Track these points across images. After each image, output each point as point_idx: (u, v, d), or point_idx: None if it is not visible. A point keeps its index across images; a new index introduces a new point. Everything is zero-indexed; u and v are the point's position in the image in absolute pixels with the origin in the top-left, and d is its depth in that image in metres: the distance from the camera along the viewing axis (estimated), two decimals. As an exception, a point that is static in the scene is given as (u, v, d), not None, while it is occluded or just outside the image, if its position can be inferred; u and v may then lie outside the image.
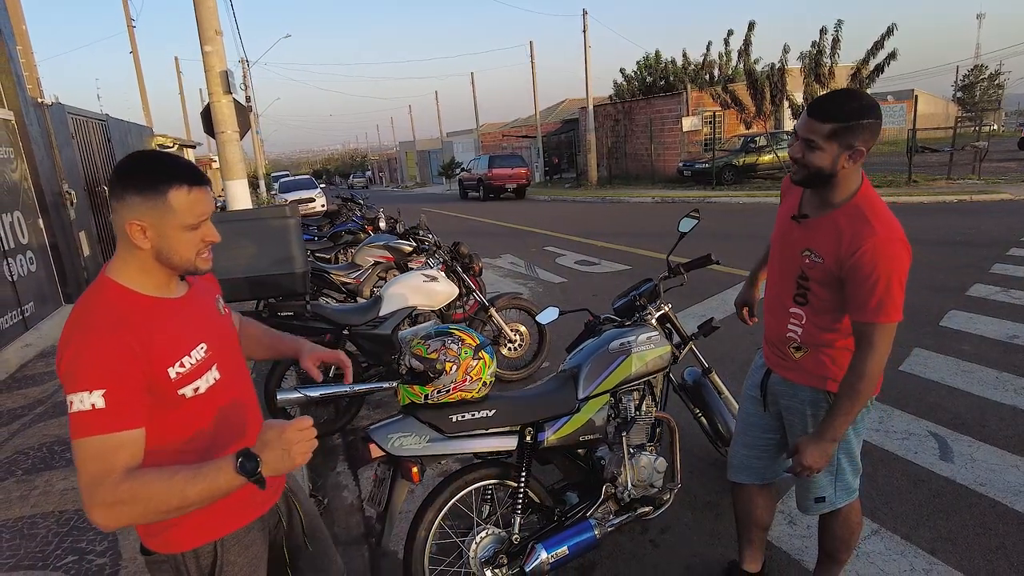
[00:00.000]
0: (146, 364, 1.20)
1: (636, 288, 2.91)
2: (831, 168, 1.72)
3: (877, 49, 15.78)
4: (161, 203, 1.22)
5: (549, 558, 2.19)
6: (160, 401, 1.24)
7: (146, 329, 1.22)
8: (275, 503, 1.54)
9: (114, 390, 1.14)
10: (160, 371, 1.23)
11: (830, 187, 1.78)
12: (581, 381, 2.44)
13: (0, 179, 6.48)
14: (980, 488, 2.90)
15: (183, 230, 1.25)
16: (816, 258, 1.80)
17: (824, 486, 2.00)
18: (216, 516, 1.37)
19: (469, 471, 2.23)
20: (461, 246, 4.78)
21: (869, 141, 1.69)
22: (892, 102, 37.78)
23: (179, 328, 1.29)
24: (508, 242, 11.93)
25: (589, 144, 24.90)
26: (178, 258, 1.28)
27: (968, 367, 4.25)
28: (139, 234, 1.23)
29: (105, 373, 1.14)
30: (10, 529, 3.01)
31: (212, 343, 1.35)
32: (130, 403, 1.17)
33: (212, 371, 1.33)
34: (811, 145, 1.72)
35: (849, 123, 1.66)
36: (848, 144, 1.68)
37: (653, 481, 2.49)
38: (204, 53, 7.32)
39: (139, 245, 1.24)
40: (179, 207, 1.24)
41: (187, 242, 1.27)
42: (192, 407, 1.30)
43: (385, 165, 71.40)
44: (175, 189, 1.23)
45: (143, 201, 1.21)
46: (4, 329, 6.00)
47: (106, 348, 1.16)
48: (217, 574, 1.37)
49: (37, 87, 7.87)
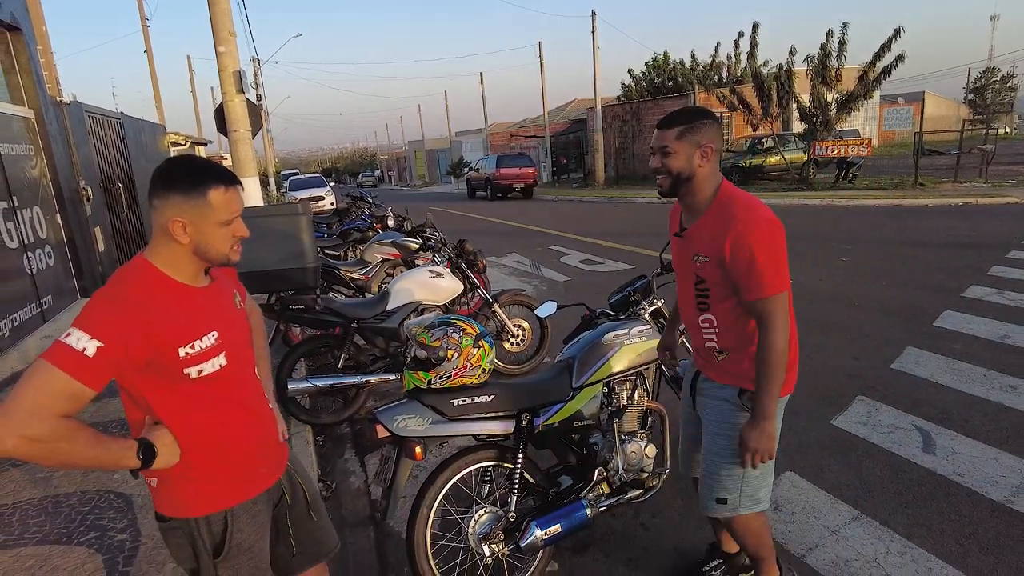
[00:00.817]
0: (156, 342, 1.33)
1: (631, 284, 3.05)
2: (688, 167, 1.88)
3: (884, 51, 15.80)
4: (202, 202, 1.39)
5: (543, 535, 2.33)
6: (165, 375, 1.39)
7: (167, 309, 1.37)
8: (278, 479, 1.68)
9: (108, 351, 1.26)
10: (171, 348, 1.36)
11: (693, 192, 1.93)
12: (576, 370, 2.59)
13: (21, 175, 6.69)
14: (958, 479, 3.02)
15: (219, 226, 1.42)
16: (703, 258, 1.92)
17: (728, 488, 2.02)
18: (225, 487, 1.52)
19: (469, 453, 2.38)
20: (466, 244, 4.94)
21: (715, 140, 1.89)
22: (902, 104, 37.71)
23: (196, 314, 1.43)
24: (514, 241, 12.08)
25: (597, 144, 25.01)
26: (214, 251, 1.44)
27: (958, 365, 4.36)
28: (180, 230, 1.39)
29: (112, 333, 1.27)
30: (36, 507, 3.18)
31: (223, 333, 1.48)
32: (110, 369, 1.28)
33: (219, 357, 1.45)
34: (666, 152, 1.89)
35: (692, 123, 1.87)
36: (696, 142, 1.86)
37: (643, 466, 2.64)
38: (218, 53, 7.51)
39: (179, 240, 1.40)
40: (217, 205, 1.40)
41: (222, 237, 1.44)
42: (196, 387, 1.43)
43: (394, 164, 71.66)
44: (214, 189, 1.40)
45: (185, 200, 1.38)
46: (24, 321, 6.20)
47: (125, 316, 1.30)
48: (228, 539, 1.51)
49: (56, 86, 8.08)
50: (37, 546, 2.86)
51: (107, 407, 4.38)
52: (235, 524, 1.53)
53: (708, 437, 2.08)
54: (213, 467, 1.50)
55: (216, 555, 1.51)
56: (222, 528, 1.51)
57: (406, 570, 2.63)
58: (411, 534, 2.26)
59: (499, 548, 2.34)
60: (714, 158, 1.90)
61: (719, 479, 2.03)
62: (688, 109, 1.93)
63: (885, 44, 15.71)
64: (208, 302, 1.49)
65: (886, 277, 7.00)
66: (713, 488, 2.06)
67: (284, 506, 1.73)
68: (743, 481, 2.00)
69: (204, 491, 1.50)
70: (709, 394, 2.08)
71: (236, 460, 1.53)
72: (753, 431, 1.88)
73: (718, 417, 2.04)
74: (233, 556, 1.53)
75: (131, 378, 1.38)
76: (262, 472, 1.61)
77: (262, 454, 1.61)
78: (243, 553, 1.54)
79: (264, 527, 1.62)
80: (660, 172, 1.93)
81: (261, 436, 1.60)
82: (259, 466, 1.60)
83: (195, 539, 1.50)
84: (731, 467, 2.00)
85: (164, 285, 1.41)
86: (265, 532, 1.63)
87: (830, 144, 16.64)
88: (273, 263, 4.03)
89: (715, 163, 1.92)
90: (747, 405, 1.95)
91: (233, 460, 1.53)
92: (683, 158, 1.88)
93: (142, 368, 1.36)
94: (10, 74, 7.11)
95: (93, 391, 1.28)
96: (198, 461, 1.47)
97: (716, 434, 2.04)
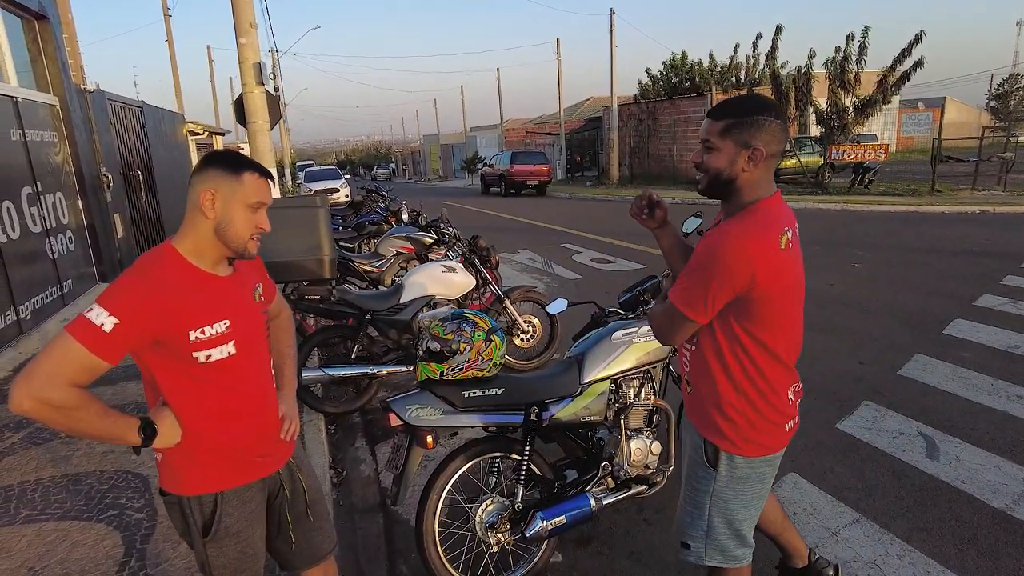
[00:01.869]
0: (170, 322, 1.42)
1: (640, 284, 3.09)
2: (729, 170, 1.58)
3: (905, 56, 15.66)
4: (235, 179, 1.50)
5: (547, 525, 2.39)
6: (174, 355, 1.47)
7: (183, 292, 1.46)
8: (277, 471, 1.73)
9: (123, 327, 1.35)
10: (182, 330, 1.44)
11: (737, 198, 1.63)
12: (585, 367, 2.65)
13: (45, 161, 6.83)
14: (961, 485, 3.05)
15: (245, 208, 1.51)
16: None
17: (691, 534, 1.85)
18: (219, 472, 1.59)
19: (478, 444, 2.45)
20: (479, 240, 5.00)
21: (771, 141, 1.56)
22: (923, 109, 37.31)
23: (211, 301, 1.50)
24: (527, 238, 12.13)
25: (612, 143, 24.99)
26: (233, 233, 1.52)
27: (966, 374, 4.37)
28: (209, 202, 1.48)
29: (129, 311, 1.37)
30: (56, 484, 3.29)
31: (235, 322, 1.54)
32: (123, 345, 1.38)
33: (228, 345, 1.52)
34: (708, 146, 1.61)
35: (744, 117, 1.56)
36: (744, 142, 1.55)
37: (648, 462, 2.69)
38: (239, 45, 7.61)
39: (206, 214, 1.49)
40: (248, 185, 1.51)
41: (245, 220, 1.52)
42: (203, 372, 1.51)
43: (409, 158, 71.90)
44: (249, 173, 1.52)
45: (222, 174, 1.49)
46: (45, 304, 6.35)
47: (143, 296, 1.40)
48: (216, 521, 1.58)
49: (80, 74, 8.22)
50: (58, 522, 2.96)
51: (125, 390, 4.49)
52: (224, 508, 1.59)
53: (684, 472, 1.94)
54: (209, 450, 1.57)
55: (205, 534, 1.58)
56: (211, 510, 1.58)
57: (413, 556, 2.70)
58: (420, 521, 2.33)
59: (505, 537, 2.41)
60: (766, 163, 1.58)
61: (681, 523, 1.89)
62: (746, 99, 1.61)
63: (906, 48, 15.57)
64: (225, 291, 1.56)
65: (898, 283, 6.98)
66: (681, 530, 1.90)
67: (283, 500, 1.77)
68: (708, 534, 1.81)
69: (198, 472, 1.57)
70: (686, 428, 1.91)
71: (232, 447, 1.60)
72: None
73: (689, 461, 1.88)
74: (220, 538, 1.59)
75: (143, 354, 1.47)
76: (258, 462, 1.66)
77: (259, 445, 1.67)
78: (230, 537, 1.61)
79: (256, 516, 1.67)
80: (699, 168, 1.66)
81: (260, 429, 1.66)
82: (255, 455, 1.66)
83: (186, 516, 1.58)
84: (691, 512, 1.84)
85: (184, 270, 1.50)
86: (256, 521, 1.68)
87: (846, 148, 16.53)
88: (291, 254, 4.12)
89: (766, 169, 1.60)
90: (712, 460, 1.76)
91: (229, 446, 1.60)
92: (724, 158, 1.58)
93: (152, 346, 1.45)
94: (36, 62, 7.26)
95: (108, 364, 1.38)
96: (196, 443, 1.55)
97: (686, 473, 1.89)
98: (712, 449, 1.74)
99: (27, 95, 6.67)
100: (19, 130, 6.31)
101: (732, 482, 1.75)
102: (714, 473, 1.75)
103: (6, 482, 3.33)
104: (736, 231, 1.55)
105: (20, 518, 2.99)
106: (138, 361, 1.51)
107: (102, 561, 2.67)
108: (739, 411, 1.69)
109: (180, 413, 1.53)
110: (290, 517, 1.79)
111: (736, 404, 1.69)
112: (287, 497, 1.78)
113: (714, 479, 1.76)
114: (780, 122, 1.58)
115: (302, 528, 1.82)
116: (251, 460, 1.65)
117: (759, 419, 1.69)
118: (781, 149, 1.63)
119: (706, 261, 1.54)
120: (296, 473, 1.81)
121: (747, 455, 1.72)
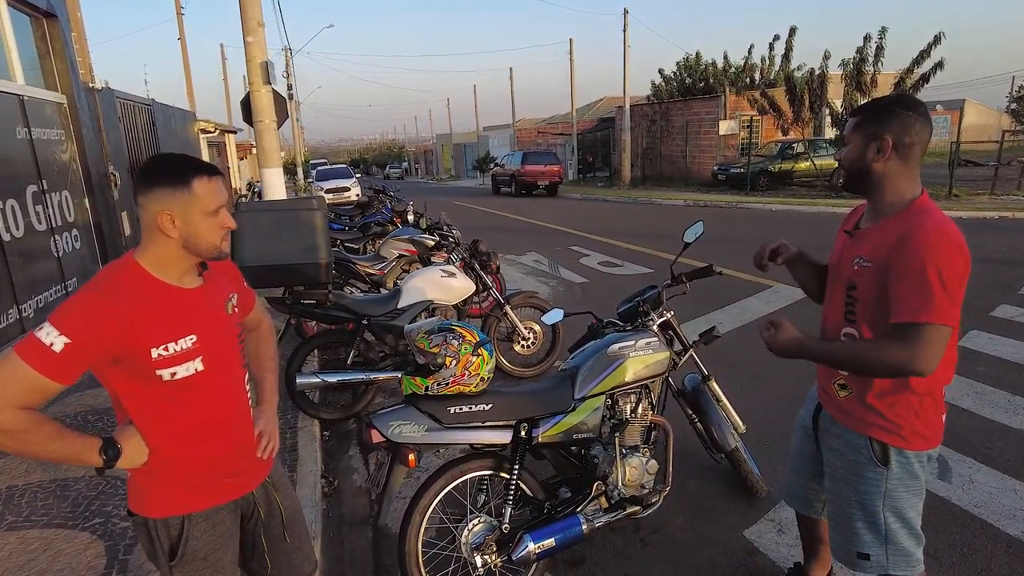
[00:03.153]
0: (128, 338, 1.33)
1: (640, 294, 2.99)
2: (858, 159, 1.70)
3: (923, 58, 15.40)
4: (187, 192, 1.39)
5: (536, 548, 2.30)
6: (135, 373, 1.39)
7: (144, 307, 1.37)
8: (250, 492, 1.64)
9: (75, 347, 1.27)
10: (143, 347, 1.36)
11: (878, 192, 1.73)
12: (579, 381, 2.54)
13: (51, 160, 6.83)
14: (975, 510, 2.92)
15: (206, 216, 1.42)
16: (864, 262, 1.71)
17: (867, 542, 1.82)
18: (186, 493, 1.51)
19: (465, 461, 2.36)
20: (480, 243, 4.91)
21: (901, 133, 1.63)
22: (941, 112, 36.74)
23: (175, 315, 1.42)
24: (535, 239, 12.02)
25: (624, 144, 24.82)
26: (204, 243, 1.44)
27: (981, 389, 4.22)
28: (169, 224, 1.39)
29: (80, 329, 1.28)
30: (44, 489, 3.24)
31: (203, 337, 1.46)
32: (77, 365, 1.30)
33: (195, 362, 1.44)
34: (845, 140, 1.76)
35: (874, 112, 1.67)
36: (872, 133, 1.66)
37: (643, 482, 2.59)
38: (246, 43, 7.58)
39: (168, 234, 1.40)
40: (202, 195, 1.41)
41: (210, 227, 1.43)
42: (168, 390, 1.43)
43: (421, 157, 71.99)
44: (197, 179, 1.41)
45: (171, 192, 1.38)
46: (49, 303, 6.34)
47: (95, 311, 1.31)
48: (184, 544, 1.50)
49: (89, 72, 8.23)
50: (43, 529, 2.91)
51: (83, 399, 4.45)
52: (191, 531, 1.51)
53: (835, 483, 1.91)
54: (176, 470, 1.49)
55: (171, 558, 1.51)
56: (178, 532, 1.50)
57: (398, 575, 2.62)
58: (403, 540, 2.24)
59: (492, 559, 2.31)
60: (899, 155, 1.65)
61: (856, 532, 1.84)
62: (882, 97, 1.75)
63: (925, 50, 15.31)
64: (192, 304, 1.48)
65: (912, 292, 6.79)
66: (851, 541, 1.86)
67: (258, 522, 1.69)
68: (887, 538, 1.80)
69: (164, 494, 1.50)
70: (836, 438, 1.90)
71: (200, 466, 1.52)
72: (781, 334, 1.74)
73: (846, 466, 1.85)
74: (187, 562, 1.52)
75: (103, 371, 1.40)
76: (229, 483, 1.59)
77: (231, 465, 1.59)
78: (198, 561, 1.53)
79: (227, 539, 1.59)
80: (840, 164, 1.80)
81: (233, 447, 1.58)
82: (226, 475, 1.58)
83: (152, 539, 1.50)
84: (866, 517, 1.81)
85: (146, 284, 1.41)
86: (227, 544, 1.60)
87: (862, 151, 16.26)
88: (286, 257, 4.05)
89: (903, 163, 1.66)
90: (881, 457, 1.76)
91: (197, 466, 1.52)
92: (853, 149, 1.71)
93: (111, 364, 1.37)
94: (45, 60, 7.26)
95: (60, 385, 1.30)
96: (163, 463, 1.47)
97: (844, 481, 1.86)
98: (880, 447, 1.76)
99: (34, 93, 6.67)
100: (25, 128, 6.31)
101: (904, 478, 1.77)
102: (885, 471, 1.77)
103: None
104: (943, 227, 1.59)
105: (5, 524, 2.94)
106: (100, 378, 1.43)
107: (83, 572, 2.61)
108: (907, 405, 1.73)
109: (146, 432, 1.45)
110: (265, 540, 1.71)
111: (905, 398, 1.72)
112: (262, 519, 1.70)
113: (885, 478, 1.77)
114: (913, 114, 1.63)
115: (278, 550, 1.74)
116: (222, 481, 1.57)
117: (924, 412, 1.74)
118: (918, 141, 1.65)
119: (938, 261, 1.54)
120: (272, 493, 1.72)
121: (916, 449, 1.75)
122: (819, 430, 2.00)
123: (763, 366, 4.74)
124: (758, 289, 7.06)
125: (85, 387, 4.56)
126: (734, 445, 2.98)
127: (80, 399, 4.33)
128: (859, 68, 16.08)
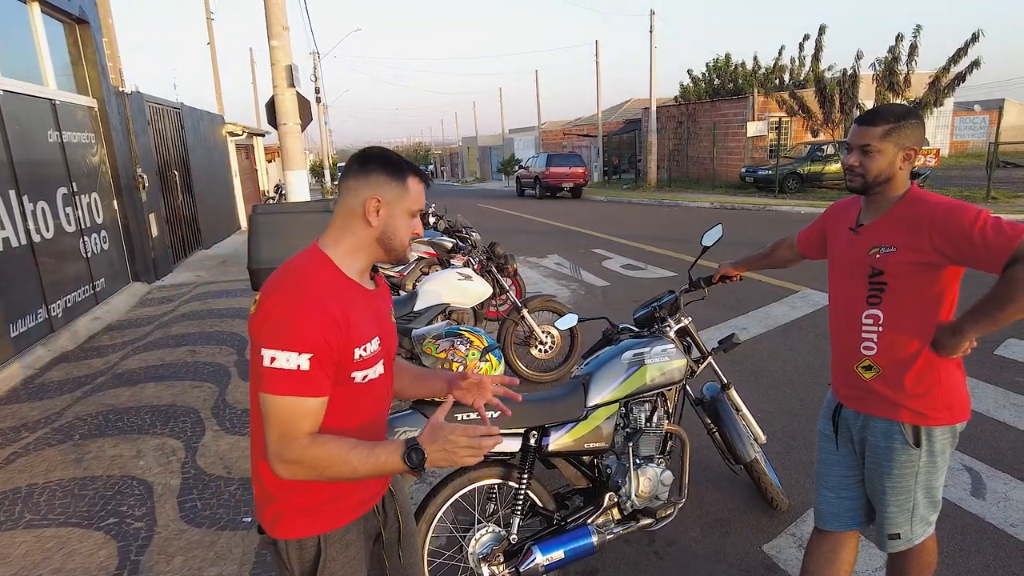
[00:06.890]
0: (344, 339, 1.28)
1: (657, 300, 2.91)
2: (889, 170, 1.79)
3: (960, 56, 14.96)
4: (401, 186, 1.37)
5: (544, 560, 2.24)
6: (335, 375, 1.31)
7: (348, 307, 1.30)
8: (374, 506, 1.50)
9: (319, 358, 1.23)
10: (350, 348, 1.30)
11: (886, 191, 1.84)
12: (591, 389, 2.47)
13: (81, 162, 6.99)
14: (1010, 529, 2.77)
15: (408, 215, 1.39)
16: (887, 249, 1.80)
17: (899, 522, 1.90)
18: (320, 513, 1.38)
19: (473, 469, 2.30)
20: (497, 246, 4.86)
21: (920, 142, 1.81)
22: (979, 112, 35.68)
23: (366, 316, 1.36)
24: (557, 242, 11.95)
25: (650, 145, 24.59)
26: (398, 240, 1.39)
27: (1019, 400, 4.04)
28: (374, 210, 1.34)
29: (315, 340, 1.23)
30: (63, 488, 3.28)
31: (383, 341, 1.41)
32: (326, 373, 1.26)
33: (379, 365, 1.39)
34: (866, 150, 1.79)
35: (899, 122, 1.76)
36: (902, 144, 1.77)
37: (658, 493, 2.50)
38: (271, 47, 7.66)
39: (370, 222, 1.35)
40: (413, 193, 1.38)
41: (407, 227, 1.40)
42: (352, 394, 1.36)
43: (447, 159, 72.37)
44: (412, 177, 1.39)
45: (388, 180, 1.35)
46: (77, 302, 6.47)
47: (320, 317, 1.24)
48: (321, 568, 1.38)
49: (119, 77, 8.40)
50: (59, 528, 2.94)
51: (143, 392, 4.49)
52: (328, 552, 1.38)
53: (871, 475, 1.94)
54: (315, 486, 1.36)
55: None
56: (314, 555, 1.37)
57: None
58: (409, 549, 2.20)
59: (499, 570, 2.26)
60: (911, 160, 1.82)
61: (888, 516, 1.91)
62: (894, 107, 1.83)
63: (961, 48, 14.89)
64: (374, 306, 1.42)
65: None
66: (882, 525, 1.94)
67: (381, 543, 1.56)
68: (913, 513, 1.89)
69: (304, 511, 1.37)
70: (866, 430, 1.92)
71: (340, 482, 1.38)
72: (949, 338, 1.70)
73: (876, 456, 1.89)
74: None
75: None
76: (355, 497, 1.43)
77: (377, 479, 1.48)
78: None
79: (359, 561, 1.45)
80: (855, 171, 1.83)
81: None
82: (354, 490, 1.43)
83: (282, 563, 1.38)
84: (899, 500, 1.88)
85: (342, 283, 1.34)
86: (360, 567, 1.45)
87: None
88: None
89: (909, 165, 1.83)
90: (914, 440, 1.82)
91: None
92: (885, 160, 1.78)
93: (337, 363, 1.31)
94: (76, 65, 7.44)
95: (324, 397, 1.27)
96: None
97: (874, 470, 1.91)
98: (913, 429, 1.82)
99: (66, 98, 6.83)
100: (56, 132, 6.46)
101: (933, 456, 1.84)
102: (919, 452, 1.83)
103: (15, 484, 3.33)
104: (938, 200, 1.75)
105: (23, 523, 2.98)
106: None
107: (95, 572, 2.63)
108: (938, 380, 1.80)
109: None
110: (387, 559, 1.57)
111: (933, 374, 1.80)
112: (383, 537, 1.56)
113: (919, 458, 1.84)
114: (920, 123, 1.82)
115: (393, 567, 1.58)
116: (349, 495, 1.42)
117: (952, 386, 1.81)
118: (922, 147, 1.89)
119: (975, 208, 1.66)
120: (392, 505, 1.58)
121: (943, 424, 1.82)
122: (840, 430, 2.01)
123: (786, 374, 4.61)
124: (785, 294, 6.90)
125: (108, 386, 4.62)
126: (754, 456, 2.88)
127: (102, 399, 4.39)
128: (891, 68, 15.69)
